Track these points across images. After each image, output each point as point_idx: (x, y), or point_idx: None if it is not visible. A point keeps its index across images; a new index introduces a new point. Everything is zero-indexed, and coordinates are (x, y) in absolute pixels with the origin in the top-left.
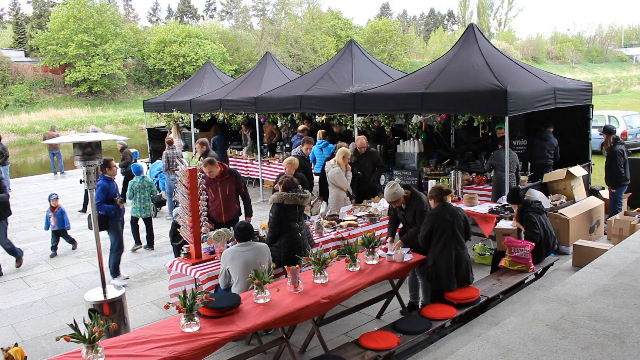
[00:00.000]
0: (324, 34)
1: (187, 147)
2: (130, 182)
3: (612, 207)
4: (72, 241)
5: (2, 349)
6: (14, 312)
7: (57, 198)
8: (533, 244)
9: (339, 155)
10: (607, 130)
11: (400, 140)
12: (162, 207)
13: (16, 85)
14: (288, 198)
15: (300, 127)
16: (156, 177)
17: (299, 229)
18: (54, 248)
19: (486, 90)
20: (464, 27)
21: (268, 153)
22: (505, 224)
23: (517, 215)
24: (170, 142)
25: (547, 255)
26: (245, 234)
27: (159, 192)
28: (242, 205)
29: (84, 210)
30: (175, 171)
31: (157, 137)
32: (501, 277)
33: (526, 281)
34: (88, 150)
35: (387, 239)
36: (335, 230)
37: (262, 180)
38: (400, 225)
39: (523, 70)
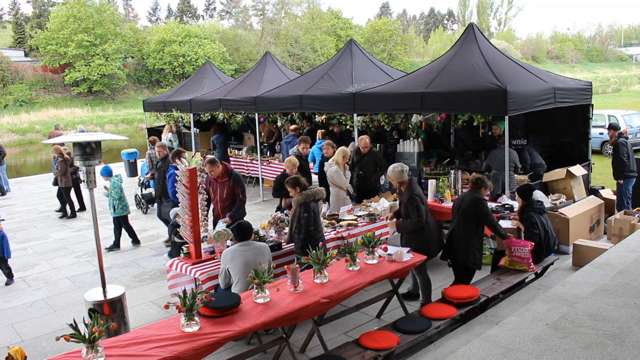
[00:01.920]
0: (323, 33)
1: (186, 147)
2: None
3: (618, 199)
4: (9, 275)
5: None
6: (14, 312)
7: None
8: (533, 243)
9: (338, 154)
10: (613, 127)
11: (400, 140)
12: (154, 204)
13: (16, 85)
14: (318, 193)
15: (292, 127)
16: (145, 174)
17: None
18: (9, 275)
19: (486, 89)
20: (463, 27)
21: (268, 153)
22: (505, 224)
23: (519, 211)
24: (153, 142)
25: (547, 255)
26: (245, 233)
27: (145, 189)
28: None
29: (64, 214)
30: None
31: (157, 137)
32: (501, 276)
33: (526, 281)
34: (88, 150)
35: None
36: (335, 230)
37: (262, 179)
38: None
39: (523, 69)
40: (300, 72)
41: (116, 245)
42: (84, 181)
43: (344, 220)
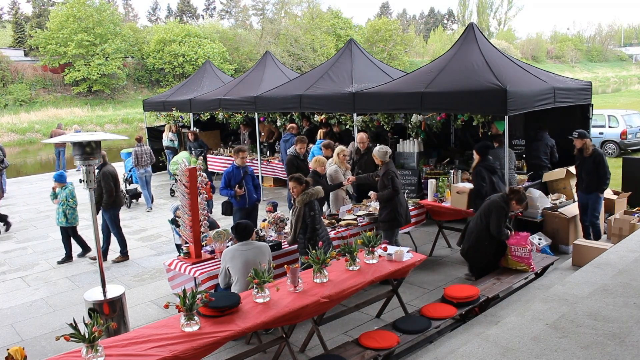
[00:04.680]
0: (323, 33)
1: (186, 147)
2: (57, 190)
3: (591, 212)
4: None
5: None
6: (14, 312)
7: None
8: (529, 239)
9: (335, 153)
10: (583, 135)
11: (400, 140)
12: (139, 199)
13: (16, 84)
14: (319, 192)
15: (288, 126)
16: (130, 171)
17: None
18: None
19: (486, 89)
20: (463, 27)
21: (268, 152)
22: (460, 185)
23: (473, 166)
24: (139, 140)
25: None
26: (245, 233)
27: (130, 185)
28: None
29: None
30: (144, 165)
31: (157, 137)
32: (501, 276)
33: (526, 280)
34: (87, 150)
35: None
36: (334, 230)
37: (262, 178)
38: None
39: (523, 69)
40: (300, 71)
41: (68, 257)
42: (82, 181)
43: (343, 220)
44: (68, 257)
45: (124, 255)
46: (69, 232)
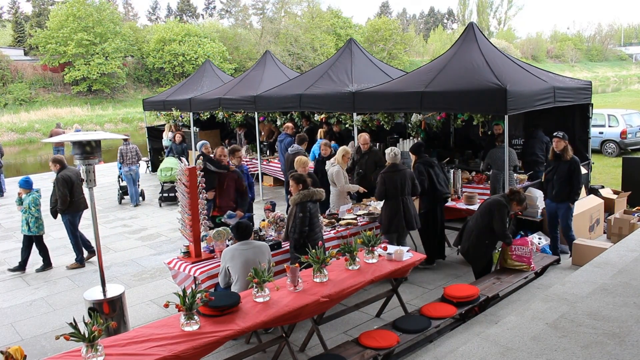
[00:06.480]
0: (323, 32)
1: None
2: (23, 197)
3: (563, 224)
4: None
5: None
6: (14, 311)
7: None
8: (531, 240)
9: (339, 153)
10: (565, 137)
11: (400, 139)
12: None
13: (15, 84)
14: (316, 194)
15: (284, 126)
16: (120, 169)
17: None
18: None
19: (486, 89)
20: (463, 26)
21: (268, 152)
22: None
23: (412, 166)
24: (126, 139)
25: (436, 198)
26: (245, 233)
27: (122, 181)
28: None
29: None
30: (130, 164)
31: (156, 136)
32: (501, 276)
33: (526, 280)
34: (87, 149)
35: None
36: (335, 229)
37: (262, 178)
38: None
39: (522, 69)
40: (300, 71)
41: (22, 267)
42: (83, 180)
43: (343, 219)
44: (21, 267)
45: (80, 262)
46: (31, 241)
